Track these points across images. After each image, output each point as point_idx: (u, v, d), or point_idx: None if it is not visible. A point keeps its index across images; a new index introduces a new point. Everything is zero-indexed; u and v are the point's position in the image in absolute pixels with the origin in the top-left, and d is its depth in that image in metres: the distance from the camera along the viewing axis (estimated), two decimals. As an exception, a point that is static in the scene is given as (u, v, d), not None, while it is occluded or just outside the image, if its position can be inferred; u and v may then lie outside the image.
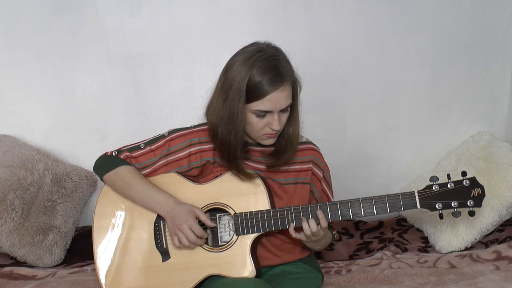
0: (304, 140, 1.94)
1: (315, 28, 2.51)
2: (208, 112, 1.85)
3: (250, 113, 1.74)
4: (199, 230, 1.76)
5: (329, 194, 1.96)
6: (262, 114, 1.74)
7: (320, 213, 1.76)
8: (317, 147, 1.97)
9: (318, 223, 1.76)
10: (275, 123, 1.74)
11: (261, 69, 1.69)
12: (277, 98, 1.71)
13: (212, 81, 1.86)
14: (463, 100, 2.64)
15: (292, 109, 1.80)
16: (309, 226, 1.75)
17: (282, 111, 1.75)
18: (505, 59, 2.62)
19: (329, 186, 1.97)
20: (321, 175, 1.94)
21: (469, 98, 2.64)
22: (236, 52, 1.79)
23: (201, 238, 1.78)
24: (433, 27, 2.55)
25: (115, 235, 1.88)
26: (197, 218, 1.78)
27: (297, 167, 1.91)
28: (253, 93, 1.70)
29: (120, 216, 1.89)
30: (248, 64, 1.71)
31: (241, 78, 1.70)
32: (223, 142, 1.79)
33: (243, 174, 1.83)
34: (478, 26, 2.56)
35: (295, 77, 1.77)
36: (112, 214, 1.90)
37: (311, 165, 1.92)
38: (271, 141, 1.81)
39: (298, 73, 1.80)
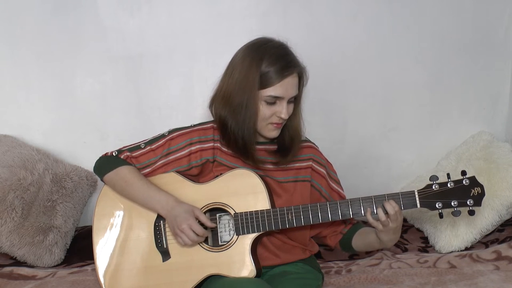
0: (302, 138, 1.95)
1: (315, 28, 2.52)
2: (214, 104, 1.85)
3: (260, 101, 1.76)
4: (199, 229, 1.76)
5: (339, 189, 1.96)
6: (273, 101, 1.76)
7: (388, 204, 1.73)
8: (315, 145, 1.98)
9: (385, 212, 1.72)
10: (284, 110, 1.77)
11: (273, 56, 1.74)
12: (289, 84, 1.76)
13: (212, 81, 1.86)
14: (463, 100, 2.64)
15: (296, 101, 1.84)
16: (388, 211, 1.72)
17: (289, 101, 1.79)
18: (505, 59, 2.62)
19: (337, 182, 1.97)
20: (325, 172, 1.94)
21: (469, 98, 2.64)
22: (243, 45, 1.82)
23: (202, 236, 1.78)
24: (433, 27, 2.55)
25: (115, 235, 1.88)
26: (196, 218, 1.78)
27: (296, 165, 1.91)
28: (266, 80, 1.74)
29: (120, 217, 1.89)
30: (260, 52, 1.75)
31: (254, 66, 1.74)
32: (237, 130, 1.79)
33: (257, 162, 1.84)
34: (478, 26, 2.56)
35: (303, 67, 1.82)
36: (112, 215, 1.90)
37: (310, 163, 1.92)
38: (276, 132, 1.82)
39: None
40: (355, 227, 1.94)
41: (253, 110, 1.76)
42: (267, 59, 1.74)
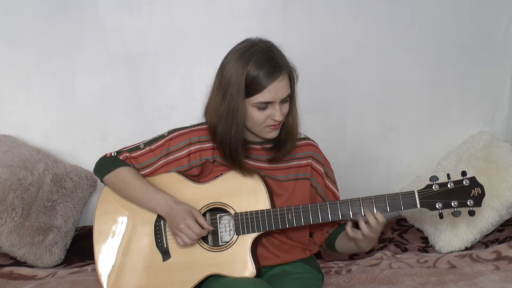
0: (302, 136, 1.95)
1: (315, 28, 2.51)
2: (207, 112, 1.85)
3: (251, 107, 1.75)
4: (196, 228, 1.76)
5: (334, 189, 1.97)
6: (264, 106, 1.75)
7: (370, 215, 1.75)
8: (315, 143, 1.98)
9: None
10: (277, 113, 1.75)
11: (257, 62, 1.71)
12: (277, 88, 1.73)
13: (212, 81, 1.86)
14: (463, 100, 2.64)
15: (290, 99, 1.82)
16: (370, 222, 1.74)
17: (282, 101, 1.77)
18: (505, 59, 2.61)
19: (333, 181, 1.98)
20: (322, 170, 1.94)
21: (469, 98, 2.64)
22: (230, 50, 1.80)
23: (199, 236, 1.78)
24: (433, 27, 2.55)
25: (115, 236, 1.88)
26: (195, 219, 1.78)
27: (296, 163, 1.91)
28: (252, 87, 1.72)
29: (120, 217, 1.89)
30: (244, 59, 1.72)
31: (239, 73, 1.72)
32: (224, 139, 1.79)
33: (246, 171, 1.83)
34: (478, 26, 2.56)
35: (291, 66, 1.79)
36: (112, 215, 1.90)
37: (310, 160, 1.93)
38: (274, 133, 1.82)
39: (294, 64, 1.81)
40: (341, 227, 1.94)
41: (240, 119, 1.75)
42: (252, 65, 1.71)
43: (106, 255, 1.88)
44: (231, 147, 1.79)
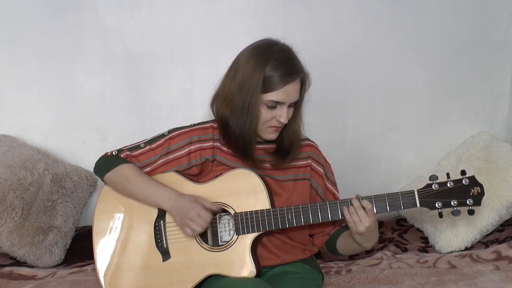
0: (302, 137, 1.95)
1: (315, 28, 2.52)
2: (216, 103, 1.86)
3: (261, 104, 1.77)
4: (207, 215, 1.76)
5: (334, 191, 1.97)
6: (274, 105, 1.77)
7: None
8: (315, 143, 1.98)
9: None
10: (284, 115, 1.78)
11: (278, 61, 1.75)
12: (291, 90, 1.76)
13: (212, 81, 1.87)
14: (463, 100, 2.64)
15: (297, 105, 1.84)
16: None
17: (290, 106, 1.79)
18: (505, 59, 2.62)
19: (333, 183, 1.98)
20: (322, 171, 1.94)
21: (469, 98, 2.64)
22: (249, 45, 1.82)
23: (209, 223, 1.78)
24: (433, 27, 2.55)
25: (115, 236, 1.89)
26: (203, 206, 1.78)
27: (296, 163, 1.91)
28: (269, 84, 1.74)
29: (120, 217, 1.89)
30: (265, 55, 1.75)
31: (259, 69, 1.74)
32: (239, 131, 1.80)
33: (256, 162, 1.84)
34: (478, 26, 2.56)
35: (306, 72, 1.82)
36: (112, 215, 1.90)
37: (309, 161, 1.93)
38: (274, 135, 1.83)
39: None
40: (342, 229, 1.94)
41: (255, 113, 1.77)
42: (271, 63, 1.74)
43: (105, 255, 1.88)
44: (245, 139, 1.80)
